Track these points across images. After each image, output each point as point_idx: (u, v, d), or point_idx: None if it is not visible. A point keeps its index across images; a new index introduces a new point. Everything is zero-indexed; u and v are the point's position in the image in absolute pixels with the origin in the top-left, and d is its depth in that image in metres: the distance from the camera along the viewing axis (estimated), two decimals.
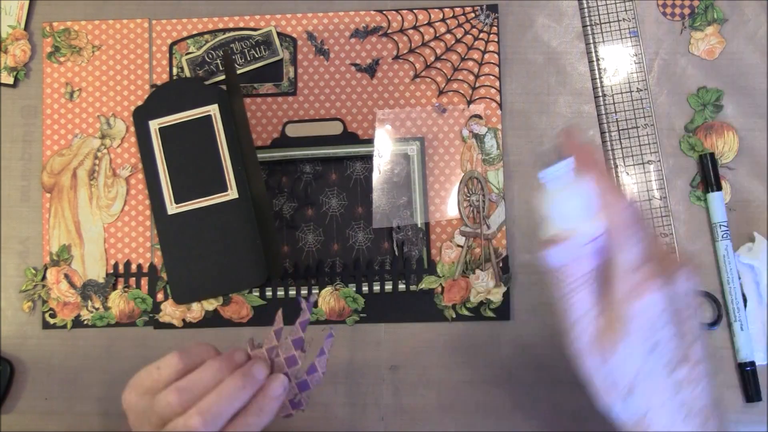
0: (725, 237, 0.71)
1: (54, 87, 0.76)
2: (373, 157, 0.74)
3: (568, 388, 0.70)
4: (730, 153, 0.73)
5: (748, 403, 0.70)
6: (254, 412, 0.54)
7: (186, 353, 0.55)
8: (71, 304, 0.73)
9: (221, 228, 0.71)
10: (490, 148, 0.73)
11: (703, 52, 0.74)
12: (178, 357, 0.55)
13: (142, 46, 0.76)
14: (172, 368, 0.54)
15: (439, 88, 0.74)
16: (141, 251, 0.74)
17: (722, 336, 0.71)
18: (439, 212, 0.73)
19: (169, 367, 0.54)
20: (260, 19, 0.76)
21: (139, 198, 0.74)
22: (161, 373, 0.54)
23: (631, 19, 0.74)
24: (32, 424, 0.72)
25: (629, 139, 0.73)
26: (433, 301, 0.72)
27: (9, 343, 0.73)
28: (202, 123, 0.73)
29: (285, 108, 0.75)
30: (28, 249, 0.74)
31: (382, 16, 0.75)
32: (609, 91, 0.74)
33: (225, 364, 0.55)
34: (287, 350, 0.57)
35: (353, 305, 0.72)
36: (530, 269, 0.72)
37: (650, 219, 0.72)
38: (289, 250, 0.74)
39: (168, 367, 0.54)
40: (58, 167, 0.75)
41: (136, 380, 0.55)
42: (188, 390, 0.53)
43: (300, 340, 0.57)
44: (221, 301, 0.73)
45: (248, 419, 0.54)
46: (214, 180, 0.72)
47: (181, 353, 0.55)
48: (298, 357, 0.57)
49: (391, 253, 0.73)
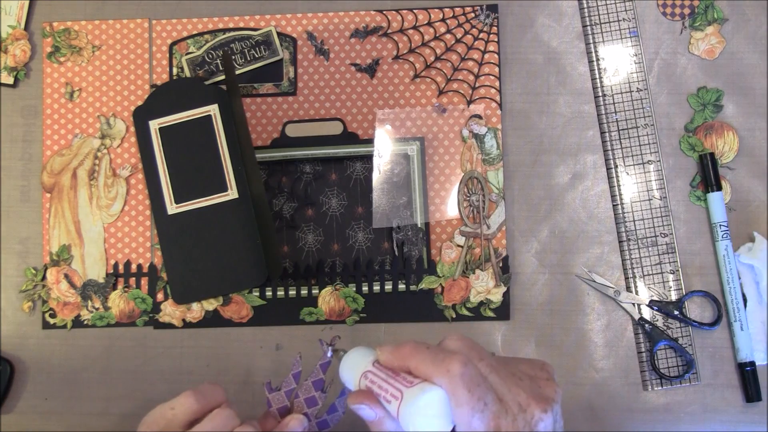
0: (725, 237, 0.71)
1: (54, 87, 0.76)
2: (373, 157, 0.74)
3: (568, 388, 0.70)
4: (730, 153, 0.73)
5: (748, 403, 0.70)
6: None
7: (199, 393, 0.56)
8: (71, 304, 0.73)
9: (221, 228, 0.71)
10: (490, 148, 0.73)
11: (703, 52, 0.74)
12: (193, 397, 0.55)
13: (142, 46, 0.76)
14: (185, 408, 0.55)
15: (439, 88, 0.74)
16: (141, 251, 0.74)
17: (722, 336, 0.71)
18: (439, 212, 0.73)
19: (183, 406, 0.55)
20: (260, 19, 0.76)
21: (139, 198, 0.74)
22: (175, 413, 0.55)
23: (631, 19, 0.74)
24: (32, 424, 0.72)
25: (629, 139, 0.73)
26: (433, 301, 0.72)
27: (9, 343, 0.73)
28: (202, 123, 0.73)
29: (285, 108, 0.75)
30: (28, 249, 0.74)
31: (382, 16, 0.75)
32: (609, 91, 0.74)
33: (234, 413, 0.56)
34: (307, 391, 0.58)
35: (353, 305, 0.72)
36: (530, 269, 0.72)
37: (650, 219, 0.72)
38: (289, 250, 0.74)
39: (182, 407, 0.55)
40: (58, 167, 0.75)
41: (149, 419, 0.55)
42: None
43: (321, 381, 0.58)
44: (221, 301, 0.73)
45: None
46: (214, 180, 0.72)
47: (196, 394, 0.55)
48: (318, 398, 0.58)
49: (391, 253, 0.73)
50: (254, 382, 0.72)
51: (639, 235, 0.72)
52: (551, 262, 0.72)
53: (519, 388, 0.48)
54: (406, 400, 0.47)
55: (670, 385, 0.70)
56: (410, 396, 0.47)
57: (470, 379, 0.46)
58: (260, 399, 0.71)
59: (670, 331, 0.70)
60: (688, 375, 0.70)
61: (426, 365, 0.48)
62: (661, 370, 0.70)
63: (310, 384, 0.58)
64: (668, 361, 0.71)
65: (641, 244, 0.72)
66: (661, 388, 0.70)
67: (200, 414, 0.55)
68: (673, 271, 0.71)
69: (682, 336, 0.70)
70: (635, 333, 0.71)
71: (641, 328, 0.71)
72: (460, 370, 0.46)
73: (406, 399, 0.47)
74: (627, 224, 0.72)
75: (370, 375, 0.51)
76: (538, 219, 0.73)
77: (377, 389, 0.50)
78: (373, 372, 0.51)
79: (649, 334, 0.70)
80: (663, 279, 0.71)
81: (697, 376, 0.70)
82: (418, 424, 0.47)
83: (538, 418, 0.47)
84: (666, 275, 0.71)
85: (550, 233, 0.73)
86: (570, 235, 0.73)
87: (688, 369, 0.70)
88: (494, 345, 0.71)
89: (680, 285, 0.71)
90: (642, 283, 0.71)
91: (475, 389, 0.46)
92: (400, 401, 0.48)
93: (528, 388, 0.48)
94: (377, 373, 0.51)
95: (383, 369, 0.51)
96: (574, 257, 0.72)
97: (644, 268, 0.71)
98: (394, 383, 0.49)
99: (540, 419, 0.47)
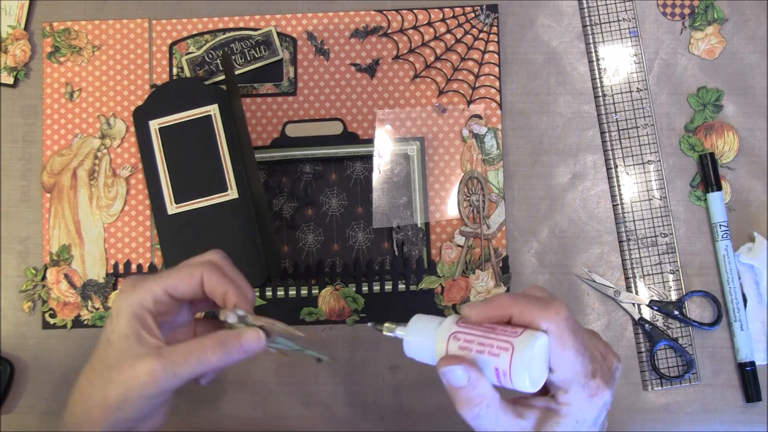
0: (725, 237, 0.71)
1: (54, 87, 0.76)
2: (373, 157, 0.74)
3: None
4: (730, 153, 0.73)
5: (748, 403, 0.70)
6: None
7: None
8: (71, 304, 0.73)
9: (221, 228, 0.71)
10: (490, 148, 0.73)
11: (703, 52, 0.74)
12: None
13: (142, 46, 0.76)
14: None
15: (439, 88, 0.74)
16: (141, 251, 0.74)
17: (722, 336, 0.71)
18: (439, 212, 0.73)
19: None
20: (260, 19, 0.76)
21: (139, 198, 0.74)
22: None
23: (631, 19, 0.74)
24: (32, 424, 0.72)
25: (629, 139, 0.73)
26: (433, 301, 0.72)
27: (9, 343, 0.73)
28: (202, 123, 0.73)
29: (285, 108, 0.75)
30: (28, 249, 0.74)
31: (382, 16, 0.75)
32: (609, 91, 0.74)
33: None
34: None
35: (353, 305, 0.72)
36: (530, 269, 0.72)
37: (650, 219, 0.72)
38: (289, 250, 0.74)
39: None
40: (58, 167, 0.75)
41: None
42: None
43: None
44: None
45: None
46: (214, 180, 0.72)
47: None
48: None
49: (391, 253, 0.73)
50: (254, 382, 0.72)
51: (639, 235, 0.72)
52: (551, 262, 0.72)
53: (597, 340, 0.51)
54: (519, 348, 0.46)
55: (670, 385, 0.70)
56: (523, 344, 0.46)
57: (574, 323, 0.48)
58: (260, 399, 0.71)
59: (670, 331, 0.70)
60: (688, 375, 0.70)
61: (532, 310, 0.47)
62: (661, 370, 0.70)
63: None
64: (668, 361, 0.71)
65: (641, 244, 0.72)
66: (661, 388, 0.70)
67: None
68: (673, 271, 0.71)
69: (682, 336, 0.70)
70: (635, 333, 0.71)
71: (641, 328, 0.71)
72: (567, 313, 0.47)
73: (519, 348, 0.46)
74: (627, 224, 0.72)
75: (462, 335, 0.48)
76: (538, 219, 0.73)
77: (478, 347, 0.47)
78: (463, 332, 0.48)
79: (649, 334, 0.70)
80: (663, 279, 0.71)
81: (697, 376, 0.70)
82: (534, 371, 0.46)
83: (615, 366, 0.51)
84: (666, 275, 0.71)
85: (550, 233, 0.73)
86: (570, 235, 0.73)
87: (688, 369, 0.70)
88: None
89: (680, 285, 0.71)
90: (642, 283, 0.71)
91: (578, 333, 0.48)
92: (511, 352, 0.46)
93: (600, 342, 0.51)
94: (471, 332, 0.48)
95: (475, 327, 0.48)
96: (574, 257, 0.72)
97: (644, 268, 0.71)
98: (498, 336, 0.47)
99: (617, 368, 0.51)
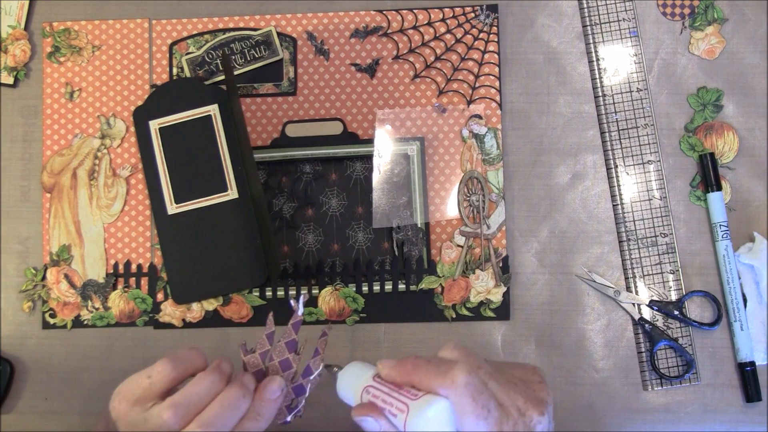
0: (725, 237, 0.71)
1: (54, 87, 0.76)
2: (373, 157, 0.74)
3: (568, 388, 0.70)
4: (730, 153, 0.73)
5: (748, 403, 0.70)
6: (252, 417, 0.53)
7: (177, 360, 0.53)
8: (71, 304, 0.73)
9: (221, 228, 0.71)
10: (490, 148, 0.73)
11: (703, 52, 0.74)
12: (170, 365, 0.52)
13: (142, 46, 0.76)
14: (163, 376, 0.52)
15: (439, 88, 0.74)
16: (141, 251, 0.74)
17: (722, 336, 0.71)
18: (439, 212, 0.73)
19: (159, 374, 0.52)
20: (260, 19, 0.76)
21: (139, 198, 0.74)
22: (152, 382, 0.52)
23: (631, 19, 0.74)
24: (32, 424, 0.72)
25: (629, 139, 0.73)
26: (433, 301, 0.72)
27: (9, 343, 0.73)
28: (202, 123, 0.73)
29: (285, 108, 0.75)
30: (28, 249, 0.74)
31: (382, 16, 0.75)
32: (609, 91, 0.74)
33: (218, 377, 0.53)
34: (281, 354, 0.56)
35: (353, 305, 0.72)
36: (530, 269, 0.72)
37: (650, 219, 0.72)
38: (289, 250, 0.74)
39: (159, 374, 0.52)
40: (58, 167, 0.75)
41: (124, 388, 0.53)
42: (183, 406, 0.51)
43: (293, 342, 0.56)
44: (221, 301, 0.73)
45: (245, 424, 0.53)
46: (214, 180, 0.72)
47: (172, 360, 0.53)
48: (292, 360, 0.56)
49: (391, 253, 0.73)
50: None
51: (639, 235, 0.72)
52: (551, 262, 0.72)
53: (516, 393, 0.50)
54: (413, 412, 0.48)
55: (670, 385, 0.70)
56: (417, 408, 0.48)
57: (474, 388, 0.48)
58: None
59: (670, 331, 0.70)
60: (688, 375, 0.70)
61: (430, 378, 0.48)
62: (661, 370, 0.70)
63: (283, 345, 0.55)
64: (668, 361, 0.71)
65: (641, 244, 0.72)
66: (661, 388, 0.70)
67: (178, 381, 0.53)
68: (673, 271, 0.71)
69: (682, 336, 0.70)
70: (635, 333, 0.71)
71: (641, 328, 0.71)
72: (464, 379, 0.48)
73: (413, 412, 0.48)
74: (627, 224, 0.72)
75: (372, 389, 0.51)
76: (538, 219, 0.73)
77: (381, 403, 0.50)
78: (374, 386, 0.51)
79: (649, 334, 0.70)
80: (663, 279, 0.71)
81: (697, 376, 0.70)
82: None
83: (537, 420, 0.49)
84: (666, 275, 0.71)
85: (550, 233, 0.73)
86: (570, 235, 0.73)
87: (688, 369, 0.70)
88: (494, 345, 0.71)
89: (680, 285, 0.71)
90: (642, 283, 0.71)
91: (479, 397, 0.48)
92: (406, 414, 0.48)
93: (524, 393, 0.50)
94: (379, 388, 0.51)
95: (385, 383, 0.51)
96: (574, 257, 0.72)
97: (644, 268, 0.71)
98: (399, 397, 0.49)
99: (538, 422, 0.49)
